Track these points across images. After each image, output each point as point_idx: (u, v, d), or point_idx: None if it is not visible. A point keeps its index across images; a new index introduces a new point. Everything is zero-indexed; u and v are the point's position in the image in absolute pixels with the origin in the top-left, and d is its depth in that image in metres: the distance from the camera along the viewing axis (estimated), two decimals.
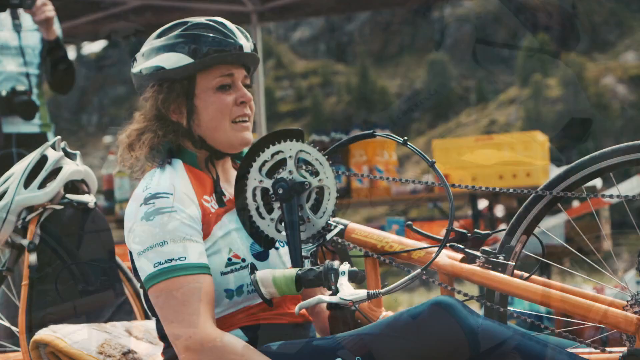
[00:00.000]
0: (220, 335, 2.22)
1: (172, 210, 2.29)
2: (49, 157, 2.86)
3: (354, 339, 2.19)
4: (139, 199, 2.33)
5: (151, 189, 2.33)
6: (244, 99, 2.44)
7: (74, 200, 2.85)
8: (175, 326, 2.23)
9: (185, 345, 2.21)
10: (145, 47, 2.46)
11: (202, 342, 2.20)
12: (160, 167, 2.40)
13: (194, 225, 2.30)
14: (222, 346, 2.21)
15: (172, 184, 2.34)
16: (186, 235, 2.27)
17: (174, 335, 2.23)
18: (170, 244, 2.26)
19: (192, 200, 2.33)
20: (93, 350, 2.40)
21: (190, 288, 2.24)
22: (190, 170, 2.41)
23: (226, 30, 2.43)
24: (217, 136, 2.42)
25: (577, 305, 2.22)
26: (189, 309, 2.22)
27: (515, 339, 2.11)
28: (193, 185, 2.37)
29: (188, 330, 2.21)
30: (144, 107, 2.46)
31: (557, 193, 2.33)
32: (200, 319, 2.22)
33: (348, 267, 2.23)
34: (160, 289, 2.25)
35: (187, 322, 2.22)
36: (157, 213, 2.28)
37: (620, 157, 2.28)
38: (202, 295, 2.24)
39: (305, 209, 2.40)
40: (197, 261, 2.26)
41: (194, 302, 2.23)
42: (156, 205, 2.29)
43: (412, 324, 2.14)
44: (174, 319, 2.23)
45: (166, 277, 2.25)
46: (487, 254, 2.34)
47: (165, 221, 2.28)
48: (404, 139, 2.45)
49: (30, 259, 2.75)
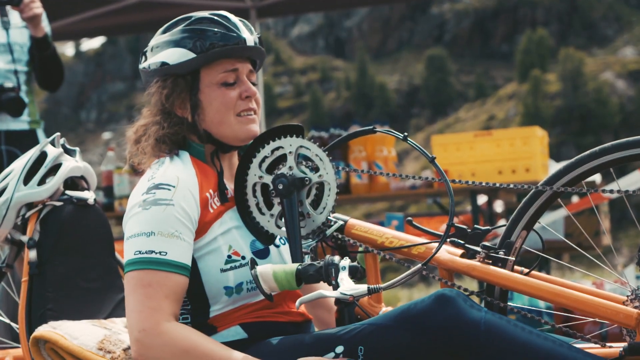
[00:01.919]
0: (175, 335, 2.20)
1: (170, 203, 2.28)
2: (49, 154, 2.86)
3: (356, 330, 2.19)
4: (143, 187, 2.33)
5: (155, 178, 2.33)
6: (249, 93, 2.43)
7: (73, 197, 2.85)
8: (133, 316, 2.22)
9: (137, 337, 2.20)
10: (152, 43, 2.46)
11: (154, 338, 2.19)
12: (167, 157, 2.40)
13: (188, 223, 2.29)
14: (172, 346, 2.19)
15: (177, 175, 2.33)
16: (175, 231, 2.27)
17: (130, 324, 2.23)
18: (157, 236, 2.26)
19: (193, 196, 2.32)
20: (93, 346, 2.40)
21: (160, 284, 2.23)
22: (197, 163, 2.41)
23: (229, 24, 2.42)
24: (222, 130, 2.42)
25: (576, 300, 2.22)
26: (152, 303, 2.21)
27: (517, 332, 2.11)
28: (198, 178, 2.37)
29: (144, 323, 2.20)
30: (150, 103, 2.46)
31: (557, 188, 2.33)
32: (159, 316, 2.20)
33: (348, 262, 2.23)
34: (132, 276, 2.25)
35: (145, 315, 2.21)
36: (154, 203, 2.29)
37: (620, 152, 2.28)
38: (169, 293, 2.23)
39: (305, 204, 2.40)
40: (176, 259, 2.25)
41: (159, 298, 2.22)
42: (156, 195, 2.29)
43: (416, 316, 2.14)
44: (134, 308, 2.22)
45: (141, 267, 2.24)
46: (487, 250, 2.35)
47: (160, 213, 2.27)
48: (403, 134, 2.45)
49: (30, 256, 2.75)
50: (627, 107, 52.75)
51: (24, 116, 4.52)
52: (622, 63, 56.26)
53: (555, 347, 2.10)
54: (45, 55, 4.52)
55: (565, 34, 60.96)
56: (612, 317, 2.19)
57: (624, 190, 2.37)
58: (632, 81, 54.45)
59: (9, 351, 2.93)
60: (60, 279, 2.74)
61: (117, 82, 69.69)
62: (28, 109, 4.54)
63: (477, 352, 2.10)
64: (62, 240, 2.78)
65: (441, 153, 6.32)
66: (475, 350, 2.10)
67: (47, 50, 4.52)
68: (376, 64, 64.65)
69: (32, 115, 4.58)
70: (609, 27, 61.13)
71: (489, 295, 2.39)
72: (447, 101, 60.94)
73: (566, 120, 52.32)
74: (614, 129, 50.15)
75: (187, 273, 2.27)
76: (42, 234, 2.79)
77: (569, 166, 2.34)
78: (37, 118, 4.64)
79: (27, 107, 4.52)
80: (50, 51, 4.53)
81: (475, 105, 59.56)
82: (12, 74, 4.48)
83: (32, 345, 2.43)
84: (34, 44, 4.51)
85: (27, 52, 4.54)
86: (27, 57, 4.55)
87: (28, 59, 4.55)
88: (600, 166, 2.31)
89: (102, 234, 2.91)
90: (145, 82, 2.48)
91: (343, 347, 2.17)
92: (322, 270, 2.22)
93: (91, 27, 8.56)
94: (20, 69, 4.51)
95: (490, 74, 62.09)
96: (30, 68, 4.58)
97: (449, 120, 58.66)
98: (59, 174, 2.85)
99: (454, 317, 2.12)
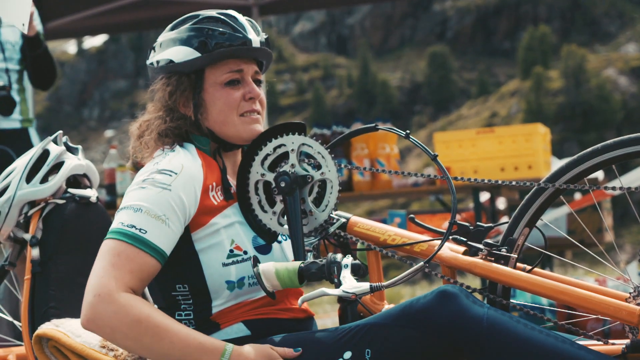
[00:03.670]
0: (129, 305, 2.18)
1: (167, 188, 2.28)
2: (51, 152, 2.86)
3: (361, 331, 2.19)
4: (147, 170, 2.34)
5: (160, 164, 2.34)
6: (252, 94, 2.43)
7: (76, 195, 2.85)
8: (93, 280, 2.21)
9: (90, 301, 2.19)
10: (160, 39, 2.46)
11: (107, 305, 2.17)
12: (174, 147, 2.40)
13: (180, 212, 2.28)
14: (124, 314, 2.17)
15: (182, 163, 2.33)
16: (164, 215, 2.26)
17: (87, 288, 2.21)
18: (143, 214, 2.26)
19: (195, 188, 2.32)
20: (96, 344, 2.40)
21: (129, 258, 2.22)
22: (202, 155, 2.41)
23: (236, 24, 2.42)
24: (225, 129, 2.42)
25: (579, 297, 2.22)
26: (115, 272, 2.21)
27: (520, 328, 2.11)
28: (203, 169, 2.37)
29: (101, 288, 2.19)
30: (153, 99, 2.46)
31: (560, 185, 2.33)
32: (118, 285, 2.19)
33: (351, 260, 2.23)
34: (106, 244, 2.26)
35: (105, 281, 2.20)
36: (151, 184, 2.29)
37: (622, 149, 2.27)
38: (135, 269, 2.22)
39: (308, 202, 2.40)
40: (153, 241, 2.24)
41: (124, 270, 2.21)
42: (155, 178, 2.30)
43: (418, 313, 2.15)
44: (97, 273, 2.22)
45: (117, 237, 2.25)
46: (489, 247, 2.34)
47: (154, 194, 2.28)
48: (406, 132, 2.44)
49: (33, 254, 2.75)
50: (629, 103, 52.70)
51: (16, 115, 4.53)
52: (624, 60, 56.19)
53: (558, 343, 2.09)
54: (37, 53, 4.53)
55: (568, 30, 60.91)
56: (614, 314, 2.19)
57: (626, 187, 2.36)
58: (634, 78, 54.40)
59: (12, 349, 2.94)
60: (62, 277, 2.75)
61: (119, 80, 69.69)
62: (20, 108, 4.55)
63: (479, 347, 2.10)
64: (64, 238, 2.78)
65: (443, 150, 6.31)
66: (477, 346, 2.10)
67: (39, 48, 4.52)
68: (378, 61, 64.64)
69: (24, 113, 4.59)
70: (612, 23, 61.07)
71: (492, 293, 2.39)
72: (449, 98, 60.93)
73: (569, 117, 52.29)
74: (616, 125, 50.12)
75: (160, 258, 2.26)
76: (44, 232, 2.79)
77: (572, 163, 2.33)
78: (30, 117, 4.64)
79: (18, 106, 4.52)
80: (42, 49, 4.54)
81: (477, 102, 59.53)
82: (4, 73, 4.49)
83: (35, 343, 2.44)
84: (25, 42, 4.51)
85: (19, 50, 4.54)
86: (19, 56, 4.55)
87: (20, 57, 4.55)
88: (602, 163, 2.31)
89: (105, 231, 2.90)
90: (151, 78, 2.49)
91: (351, 352, 2.17)
92: (324, 268, 2.22)
93: (93, 24, 8.56)
94: (11, 68, 4.52)
95: (493, 71, 62.06)
96: (22, 67, 4.58)
97: (452, 118, 58.64)
98: (62, 172, 2.85)
99: (457, 313, 2.12)
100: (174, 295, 2.35)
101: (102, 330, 2.19)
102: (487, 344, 2.10)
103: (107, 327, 2.18)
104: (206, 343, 2.19)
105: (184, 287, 2.34)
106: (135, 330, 2.17)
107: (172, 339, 2.18)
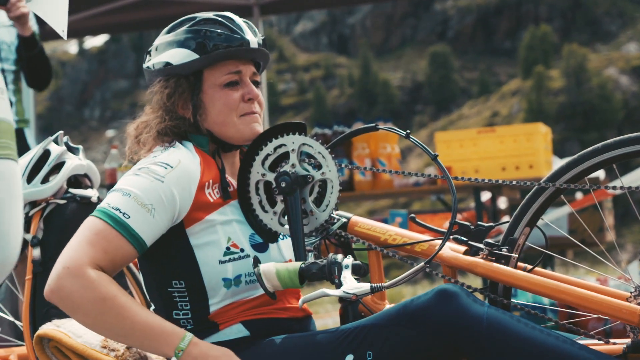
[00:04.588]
0: (97, 282, 2.17)
1: (160, 179, 2.28)
2: (52, 152, 2.86)
3: (361, 333, 2.18)
4: (144, 161, 2.35)
5: (157, 157, 2.34)
6: (251, 95, 2.43)
7: (77, 195, 2.85)
8: (66, 252, 2.22)
9: (58, 272, 2.19)
10: (157, 42, 2.46)
11: (74, 278, 2.17)
12: (172, 145, 2.40)
13: (169, 206, 2.28)
14: (90, 290, 2.16)
15: (180, 159, 2.33)
16: (151, 205, 2.26)
17: (59, 259, 2.21)
18: (130, 199, 2.26)
19: (190, 184, 2.31)
20: (96, 344, 2.40)
21: (106, 239, 2.22)
22: (201, 153, 2.41)
23: (233, 25, 2.42)
24: (225, 130, 2.42)
25: (580, 297, 2.22)
26: (89, 249, 2.21)
27: (520, 327, 2.11)
28: (201, 166, 2.36)
29: (71, 261, 2.19)
30: (152, 102, 2.46)
31: (561, 185, 2.33)
32: (90, 261, 2.19)
33: (351, 261, 2.23)
34: (88, 220, 2.26)
35: (77, 254, 2.20)
36: (146, 172, 2.30)
37: (623, 148, 2.27)
38: (110, 250, 2.22)
39: (308, 202, 2.40)
40: (134, 228, 2.24)
41: (98, 249, 2.21)
42: (151, 168, 2.30)
43: (417, 312, 2.14)
44: (72, 246, 2.22)
45: (100, 217, 2.25)
46: (490, 246, 2.34)
47: (146, 182, 2.28)
48: (406, 132, 2.44)
49: (34, 254, 2.75)
50: (630, 103, 52.68)
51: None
52: (625, 59, 56.17)
53: (559, 343, 2.09)
54: (32, 54, 4.52)
55: (569, 30, 60.87)
56: (615, 314, 2.19)
57: (627, 187, 2.36)
58: (635, 77, 54.37)
59: (13, 349, 2.94)
60: None
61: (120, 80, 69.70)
62: (15, 108, 4.54)
63: (479, 346, 2.10)
64: (65, 238, 2.77)
65: (444, 150, 6.32)
66: (478, 344, 2.10)
67: (35, 49, 4.52)
68: (379, 60, 64.62)
69: (19, 114, 4.59)
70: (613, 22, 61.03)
71: (493, 292, 2.38)
72: (450, 98, 60.91)
73: (570, 116, 52.27)
74: (617, 125, 50.09)
75: (137, 246, 2.25)
76: (45, 232, 2.79)
77: (572, 163, 2.33)
78: (26, 117, 4.64)
79: (14, 107, 4.52)
80: (37, 50, 4.53)
81: (478, 101, 59.51)
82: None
83: (36, 344, 2.44)
84: (21, 43, 4.51)
85: (15, 51, 4.54)
86: (15, 56, 4.55)
87: (15, 57, 4.55)
88: (603, 162, 2.31)
89: None
90: (149, 81, 2.48)
91: (353, 355, 2.17)
92: (325, 268, 2.22)
93: (94, 24, 8.57)
94: (7, 68, 4.52)
95: (494, 71, 62.03)
96: (17, 67, 4.58)
97: (452, 117, 58.62)
98: (62, 172, 2.85)
99: (457, 311, 2.11)
100: (170, 292, 2.34)
101: (64, 302, 2.19)
102: (487, 343, 2.10)
103: (70, 300, 2.18)
104: (167, 327, 2.20)
105: (180, 283, 2.33)
106: (98, 307, 2.17)
107: (134, 319, 2.18)
